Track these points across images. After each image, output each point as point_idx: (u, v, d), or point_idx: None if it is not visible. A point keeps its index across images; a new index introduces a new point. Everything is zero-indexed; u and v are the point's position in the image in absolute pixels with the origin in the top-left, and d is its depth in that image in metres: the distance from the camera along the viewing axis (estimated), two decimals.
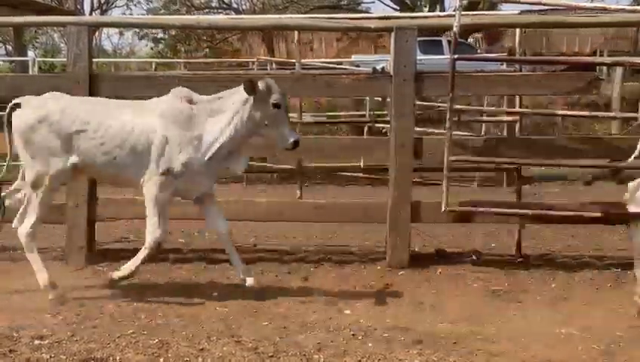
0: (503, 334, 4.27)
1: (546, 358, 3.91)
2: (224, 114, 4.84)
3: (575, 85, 6.06)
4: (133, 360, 3.81)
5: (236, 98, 4.84)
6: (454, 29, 5.58)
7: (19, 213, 5.06)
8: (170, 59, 27.43)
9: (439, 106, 10.90)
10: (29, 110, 4.89)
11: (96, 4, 32.20)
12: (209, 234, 7.01)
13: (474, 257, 6.22)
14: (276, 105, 4.78)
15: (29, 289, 4.95)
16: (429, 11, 24.35)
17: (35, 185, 4.87)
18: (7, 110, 4.97)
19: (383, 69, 11.06)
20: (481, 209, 6.01)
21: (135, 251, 5.07)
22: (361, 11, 30.81)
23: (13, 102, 4.96)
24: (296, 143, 4.83)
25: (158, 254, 6.15)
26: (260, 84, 4.76)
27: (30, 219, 4.90)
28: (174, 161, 4.78)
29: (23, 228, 4.93)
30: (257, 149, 5.61)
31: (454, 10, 5.63)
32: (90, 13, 30.50)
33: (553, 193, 10.67)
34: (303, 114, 11.53)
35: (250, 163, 6.36)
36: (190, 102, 4.89)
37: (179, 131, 4.80)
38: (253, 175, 11.87)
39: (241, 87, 4.79)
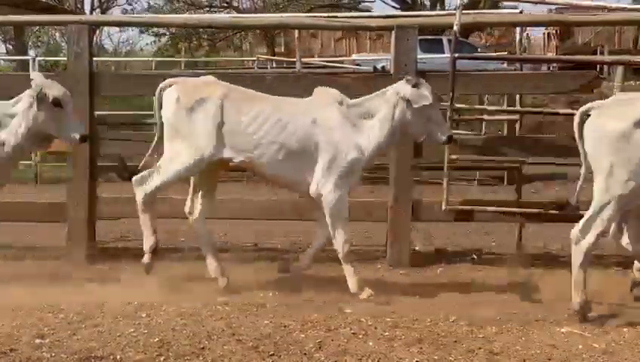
0: (504, 333, 4.28)
1: (547, 357, 3.91)
2: (377, 115, 4.88)
3: (575, 84, 6.06)
4: (134, 359, 3.82)
5: (387, 98, 4.89)
6: (455, 27, 5.58)
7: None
8: (171, 58, 27.44)
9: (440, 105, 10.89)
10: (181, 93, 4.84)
11: (96, 3, 32.18)
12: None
13: (474, 256, 6.22)
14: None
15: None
16: (430, 10, 24.36)
17: (185, 168, 4.89)
18: (158, 91, 4.94)
19: (383, 67, 11.06)
20: (481, 208, 6.02)
21: (135, 250, 5.08)
22: (361, 10, 30.78)
23: (166, 82, 4.95)
24: (449, 138, 4.95)
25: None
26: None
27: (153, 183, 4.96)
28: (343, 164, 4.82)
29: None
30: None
31: (455, 9, 5.63)
32: (91, 12, 30.48)
33: (554, 192, 10.66)
34: None
35: None
36: (340, 104, 4.89)
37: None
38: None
39: (390, 88, 4.84)
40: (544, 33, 28.55)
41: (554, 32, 26.92)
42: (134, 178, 5.07)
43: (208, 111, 4.82)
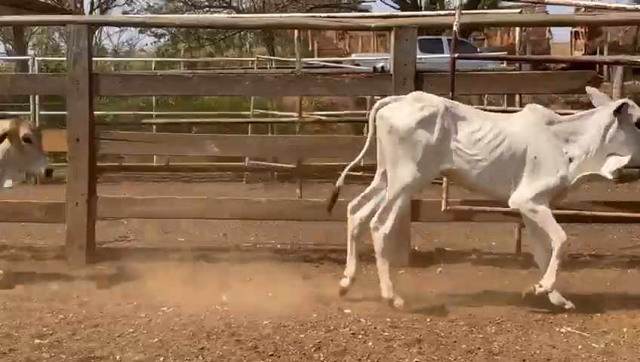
0: (503, 333, 4.28)
1: (546, 357, 3.91)
2: (584, 135, 4.78)
3: (575, 84, 6.06)
4: (134, 360, 3.82)
5: (598, 118, 4.78)
6: (454, 27, 5.58)
7: (377, 212, 4.79)
8: (171, 59, 27.43)
9: None
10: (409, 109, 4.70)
11: (96, 3, 32.15)
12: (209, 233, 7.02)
13: (474, 256, 6.22)
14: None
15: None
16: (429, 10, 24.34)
17: (404, 188, 4.71)
18: (374, 111, 4.80)
19: (383, 67, 11.05)
20: (480, 208, 6.02)
21: (136, 250, 5.09)
22: (361, 10, 30.79)
23: (383, 101, 4.84)
24: None
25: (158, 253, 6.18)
26: (625, 106, 4.72)
27: (389, 222, 4.72)
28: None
29: (382, 229, 4.72)
30: None
31: (454, 9, 5.63)
32: (90, 12, 30.46)
33: None
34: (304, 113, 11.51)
35: (251, 162, 6.33)
36: (551, 123, 4.81)
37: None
38: (253, 174, 11.86)
39: (601, 108, 4.77)
40: (571, 32, 28.28)
41: (582, 30, 26.69)
42: (350, 206, 4.98)
43: (433, 128, 4.67)
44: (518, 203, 4.73)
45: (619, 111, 4.69)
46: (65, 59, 6.50)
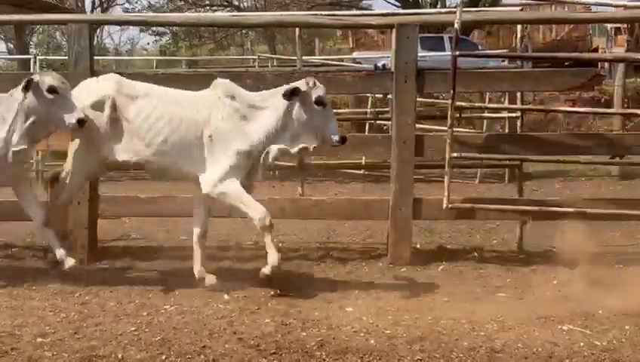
0: (505, 331, 4.28)
1: (548, 354, 3.91)
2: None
3: (576, 81, 6.05)
4: (136, 358, 3.82)
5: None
6: (456, 25, 5.57)
7: None
8: (172, 57, 27.45)
9: (441, 103, 10.90)
10: None
11: (97, 2, 32.18)
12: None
13: (475, 254, 6.22)
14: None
15: None
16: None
17: None
18: None
19: (384, 66, 11.05)
20: (482, 206, 6.01)
21: (137, 249, 5.09)
22: (362, 8, 30.78)
23: None
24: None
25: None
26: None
27: None
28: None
29: None
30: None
31: (456, 7, 5.63)
32: (92, 11, 30.49)
33: (555, 189, 10.65)
34: None
35: None
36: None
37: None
38: None
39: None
40: (610, 28, 28.05)
41: (625, 26, 26.44)
42: None
43: None
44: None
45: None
46: (66, 58, 6.49)
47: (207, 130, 4.87)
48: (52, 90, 4.77)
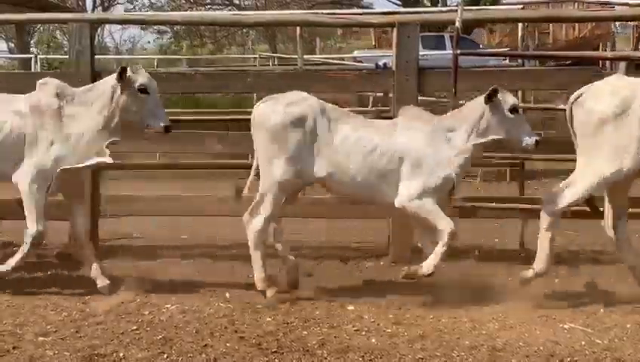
0: (506, 329, 4.28)
1: (550, 353, 3.91)
2: None
3: (578, 80, 6.04)
4: (137, 357, 3.82)
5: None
6: (457, 24, 5.57)
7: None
8: (173, 56, 27.45)
9: (442, 102, 10.89)
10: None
11: (98, 1, 32.18)
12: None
13: (477, 252, 6.22)
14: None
15: None
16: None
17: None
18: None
19: (385, 64, 11.05)
20: (483, 204, 6.02)
21: (137, 248, 5.10)
22: (363, 7, 30.78)
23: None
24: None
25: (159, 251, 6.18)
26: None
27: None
28: None
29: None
30: None
31: (456, 6, 5.63)
32: (93, 10, 30.49)
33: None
34: None
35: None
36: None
37: None
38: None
39: None
40: (634, 26, 27.74)
41: None
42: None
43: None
44: None
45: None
46: (67, 57, 6.50)
47: None
48: None
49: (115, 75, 4.83)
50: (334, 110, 4.89)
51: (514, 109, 4.76)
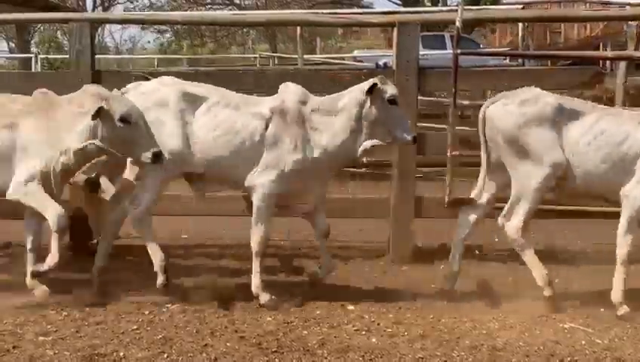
0: (507, 329, 4.28)
1: (550, 353, 3.91)
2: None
3: (578, 79, 6.05)
4: (137, 356, 3.83)
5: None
6: (457, 23, 5.57)
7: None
8: (174, 56, 27.47)
9: (442, 101, 10.89)
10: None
11: (98, 1, 32.19)
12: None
13: (477, 252, 6.22)
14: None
15: None
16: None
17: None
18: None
19: (385, 64, 11.05)
20: None
21: (138, 248, 5.08)
22: (363, 6, 30.79)
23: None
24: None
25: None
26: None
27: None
28: None
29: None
30: None
31: (457, 5, 5.63)
32: (93, 10, 30.49)
33: None
34: None
35: None
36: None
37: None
38: None
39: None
40: (637, 26, 27.67)
41: None
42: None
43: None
44: None
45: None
46: (67, 56, 6.50)
47: None
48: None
49: (364, 88, 4.67)
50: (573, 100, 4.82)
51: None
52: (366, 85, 4.69)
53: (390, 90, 4.70)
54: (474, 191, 5.00)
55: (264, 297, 4.66)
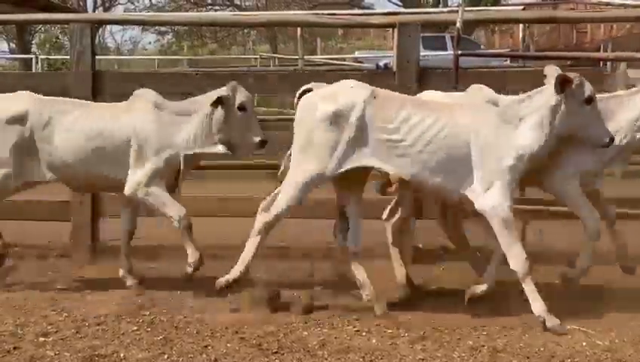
0: (507, 330, 4.27)
1: (550, 354, 3.91)
2: None
3: None
4: (137, 357, 3.83)
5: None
6: (458, 24, 5.57)
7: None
8: (174, 56, 27.48)
9: None
10: None
11: (99, 2, 32.22)
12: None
13: (477, 253, 6.21)
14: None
15: None
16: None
17: None
18: None
19: (386, 65, 11.05)
20: None
21: (138, 248, 5.08)
22: (364, 7, 30.81)
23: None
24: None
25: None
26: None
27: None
28: None
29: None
30: None
31: (457, 6, 5.63)
32: (94, 11, 30.52)
33: None
34: None
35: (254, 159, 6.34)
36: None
37: None
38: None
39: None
40: None
41: None
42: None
43: None
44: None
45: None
46: (68, 57, 6.50)
47: None
48: None
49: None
50: None
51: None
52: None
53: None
54: None
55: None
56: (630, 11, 6.47)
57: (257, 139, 5.01)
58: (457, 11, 5.65)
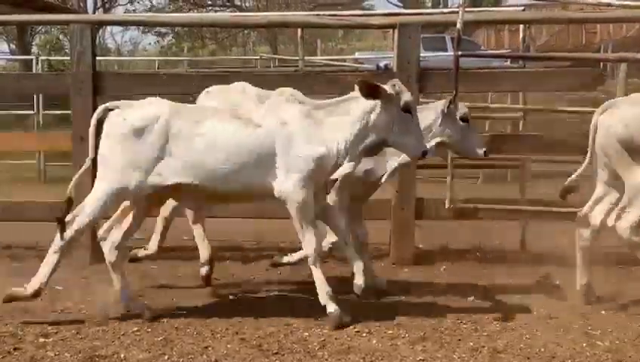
0: (508, 331, 4.27)
1: (551, 355, 3.91)
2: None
3: (579, 82, 6.05)
4: (138, 358, 3.83)
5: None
6: (458, 25, 5.57)
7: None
8: (174, 57, 27.46)
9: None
10: None
11: (99, 2, 32.21)
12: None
13: (478, 254, 6.22)
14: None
15: None
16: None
17: None
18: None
19: (386, 66, 11.03)
20: (484, 206, 6.01)
21: (138, 248, 5.07)
22: (364, 8, 30.80)
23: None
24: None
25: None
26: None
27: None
28: None
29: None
30: None
31: (458, 7, 5.63)
32: (94, 11, 30.51)
33: (557, 190, 10.60)
34: None
35: None
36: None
37: None
38: None
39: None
40: None
41: None
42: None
43: None
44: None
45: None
46: (68, 58, 6.50)
47: None
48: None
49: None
50: None
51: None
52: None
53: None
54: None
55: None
56: (630, 11, 6.46)
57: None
58: (457, 12, 5.65)
